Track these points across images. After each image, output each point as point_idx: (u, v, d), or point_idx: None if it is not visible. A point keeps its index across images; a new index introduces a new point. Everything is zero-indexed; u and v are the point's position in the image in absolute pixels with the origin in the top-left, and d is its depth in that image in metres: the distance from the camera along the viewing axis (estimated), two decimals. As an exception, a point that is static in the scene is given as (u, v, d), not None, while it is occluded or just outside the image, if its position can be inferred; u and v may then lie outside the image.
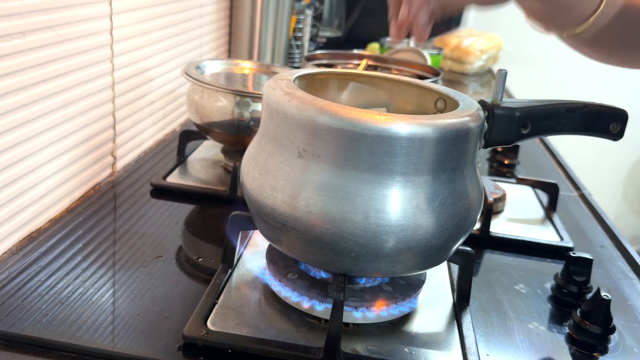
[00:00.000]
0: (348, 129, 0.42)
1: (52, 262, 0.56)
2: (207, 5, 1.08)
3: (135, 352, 0.45)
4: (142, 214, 0.68)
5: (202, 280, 0.56)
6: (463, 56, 1.70)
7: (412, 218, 0.44)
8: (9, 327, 0.47)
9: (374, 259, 0.45)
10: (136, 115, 0.84)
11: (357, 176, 0.43)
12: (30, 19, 0.57)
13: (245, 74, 0.88)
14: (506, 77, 0.49)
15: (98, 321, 0.48)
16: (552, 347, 0.52)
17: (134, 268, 0.57)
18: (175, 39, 0.95)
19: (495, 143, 0.50)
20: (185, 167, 0.81)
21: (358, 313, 0.50)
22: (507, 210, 0.78)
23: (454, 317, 0.53)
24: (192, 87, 0.78)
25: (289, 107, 0.45)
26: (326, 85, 0.58)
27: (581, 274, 0.59)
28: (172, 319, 0.50)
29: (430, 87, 0.55)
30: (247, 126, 0.75)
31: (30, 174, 0.61)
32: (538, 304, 0.58)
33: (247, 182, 0.49)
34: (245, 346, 0.46)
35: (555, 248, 0.69)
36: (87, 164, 0.72)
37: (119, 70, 0.76)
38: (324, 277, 0.52)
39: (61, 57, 0.64)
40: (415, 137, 0.43)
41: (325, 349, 0.45)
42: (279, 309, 0.51)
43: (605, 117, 0.52)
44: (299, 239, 0.46)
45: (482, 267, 0.65)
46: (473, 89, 1.59)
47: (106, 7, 0.71)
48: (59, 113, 0.65)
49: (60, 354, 0.45)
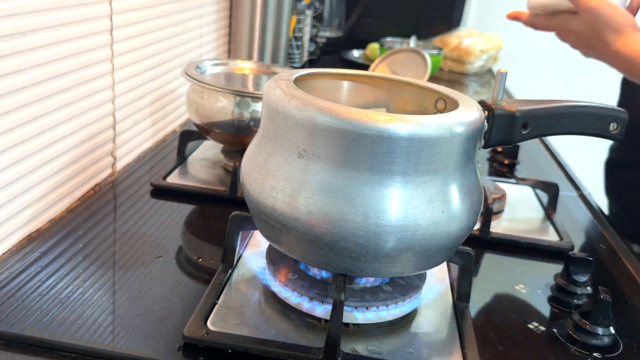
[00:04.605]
0: (348, 129, 0.42)
1: (52, 262, 0.56)
2: (207, 5, 1.08)
3: (135, 352, 0.46)
4: (142, 214, 0.68)
5: (202, 280, 0.56)
6: (463, 56, 1.71)
7: (412, 218, 0.44)
8: (9, 327, 0.47)
9: (374, 259, 0.45)
10: (136, 115, 0.84)
11: (357, 176, 0.43)
12: (30, 19, 0.57)
13: (245, 74, 0.88)
14: (506, 77, 0.49)
15: (98, 321, 0.48)
16: (552, 347, 0.52)
17: (134, 268, 0.57)
18: (175, 39, 0.95)
19: (495, 143, 0.50)
20: (185, 167, 0.81)
21: (358, 313, 0.50)
22: (507, 210, 0.78)
23: (454, 317, 0.53)
24: (192, 87, 0.78)
25: (289, 107, 0.45)
26: (326, 85, 0.58)
27: (581, 274, 0.59)
28: (172, 319, 0.50)
29: (430, 87, 0.55)
30: (247, 126, 0.75)
31: (30, 174, 0.61)
32: (538, 304, 0.58)
33: (247, 182, 0.49)
34: (245, 346, 0.46)
35: (555, 248, 0.69)
36: (87, 164, 0.72)
37: (119, 70, 0.76)
38: (324, 277, 0.53)
39: (61, 57, 0.64)
40: (415, 137, 0.43)
41: (325, 349, 0.45)
42: (279, 309, 0.51)
43: (605, 118, 0.52)
44: (299, 239, 0.46)
45: (482, 267, 0.65)
46: (473, 89, 1.59)
47: (106, 7, 0.71)
48: (59, 113, 0.65)
49: (60, 354, 0.45)
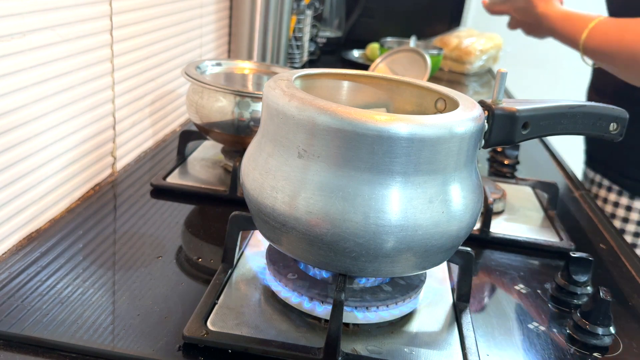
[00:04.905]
0: (348, 129, 0.42)
1: (52, 262, 0.56)
2: (207, 5, 1.08)
3: (135, 352, 0.46)
4: (142, 214, 0.68)
5: (202, 280, 0.56)
6: (463, 56, 1.70)
7: (412, 218, 0.44)
8: (9, 327, 0.47)
9: (374, 259, 0.45)
10: (136, 115, 0.84)
11: (357, 176, 0.43)
12: (30, 19, 0.57)
13: (245, 74, 0.88)
14: (506, 77, 0.49)
15: (98, 321, 0.48)
16: (552, 347, 0.52)
17: (134, 268, 0.57)
18: (175, 39, 0.95)
19: (495, 143, 0.50)
20: (185, 167, 0.81)
21: (358, 313, 0.50)
22: (507, 210, 0.78)
23: (454, 317, 0.53)
24: (192, 87, 0.78)
25: (289, 107, 0.45)
26: (326, 86, 0.58)
27: (581, 274, 0.59)
28: (172, 319, 0.50)
29: (430, 87, 0.55)
30: (247, 126, 0.75)
31: (30, 174, 0.61)
32: (538, 304, 0.58)
33: (247, 182, 0.49)
34: (245, 346, 0.46)
35: (555, 248, 0.69)
36: (87, 164, 0.72)
37: (119, 70, 0.76)
38: (324, 277, 0.53)
39: (61, 57, 0.64)
40: (415, 137, 0.43)
41: (325, 349, 0.45)
42: (279, 309, 0.51)
43: (605, 118, 0.52)
44: (299, 239, 0.46)
45: (482, 267, 0.65)
46: (473, 89, 1.59)
47: (106, 7, 0.71)
48: (59, 113, 0.65)
49: (60, 354, 0.45)
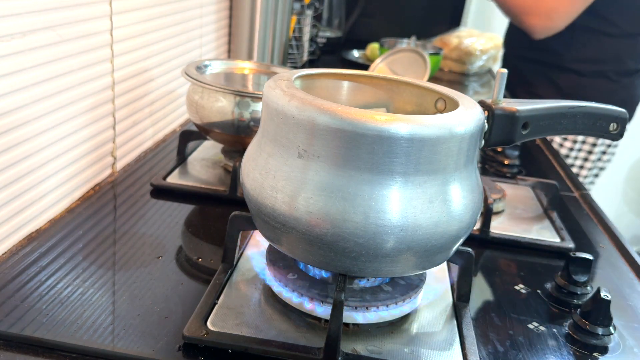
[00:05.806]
0: (348, 129, 0.42)
1: (52, 262, 0.56)
2: (207, 5, 1.08)
3: (135, 352, 0.46)
4: (142, 214, 0.68)
5: (202, 280, 0.56)
6: (463, 56, 1.70)
7: (412, 218, 0.44)
8: (9, 327, 0.47)
9: (374, 259, 0.45)
10: (136, 115, 0.84)
11: (357, 176, 0.43)
12: (30, 19, 0.57)
13: (245, 74, 0.88)
14: (506, 77, 0.49)
15: (98, 321, 0.48)
16: (552, 347, 0.52)
17: (134, 268, 0.57)
18: (175, 39, 0.95)
19: (495, 143, 0.50)
20: (185, 167, 0.81)
21: (358, 313, 0.50)
22: (507, 210, 0.78)
23: (454, 317, 0.53)
24: (192, 87, 0.78)
25: (289, 107, 0.45)
26: (326, 85, 0.58)
27: (581, 274, 0.59)
28: (172, 319, 0.50)
29: (430, 87, 0.55)
30: (247, 126, 0.75)
31: (30, 174, 0.61)
32: (538, 304, 0.58)
33: (247, 183, 0.49)
34: (245, 346, 0.46)
35: (555, 248, 0.69)
36: (87, 164, 0.72)
37: (119, 70, 0.76)
38: (324, 277, 0.53)
39: (61, 57, 0.64)
40: (415, 137, 0.43)
41: (325, 349, 0.45)
42: (279, 309, 0.51)
43: (605, 118, 0.52)
44: (299, 239, 0.46)
45: (482, 267, 0.65)
46: (473, 89, 1.59)
47: (106, 7, 0.71)
48: (59, 113, 0.65)
49: (60, 354, 0.45)
